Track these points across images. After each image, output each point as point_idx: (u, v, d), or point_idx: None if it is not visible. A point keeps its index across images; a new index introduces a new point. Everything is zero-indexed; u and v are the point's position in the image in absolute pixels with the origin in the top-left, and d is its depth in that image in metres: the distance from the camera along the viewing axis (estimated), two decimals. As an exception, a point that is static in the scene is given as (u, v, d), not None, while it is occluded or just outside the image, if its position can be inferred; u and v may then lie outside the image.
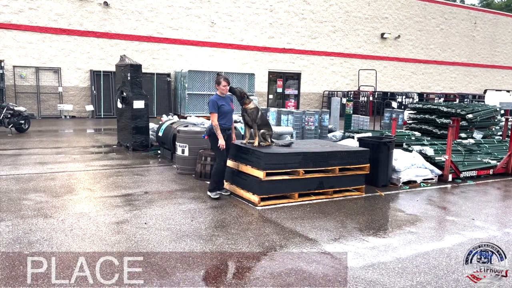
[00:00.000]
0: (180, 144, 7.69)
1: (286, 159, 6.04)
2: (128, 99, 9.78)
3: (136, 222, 5.03)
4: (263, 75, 21.11)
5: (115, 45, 17.63)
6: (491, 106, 11.96)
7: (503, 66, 30.32)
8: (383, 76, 24.92)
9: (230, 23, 19.99)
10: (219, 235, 4.70)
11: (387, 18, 24.79)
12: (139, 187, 6.70)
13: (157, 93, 18.10)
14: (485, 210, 6.21)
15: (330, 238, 4.76)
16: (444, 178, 7.85)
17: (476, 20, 28.43)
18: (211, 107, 6.06)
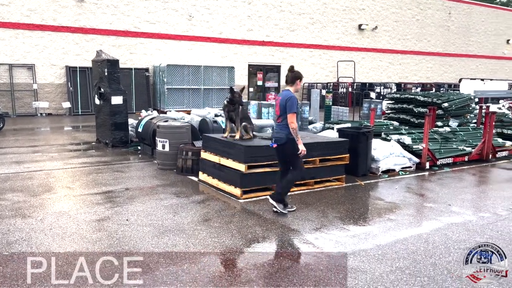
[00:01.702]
0: (160, 139, 7.63)
1: (268, 152, 6.06)
2: (106, 95, 9.63)
3: (117, 219, 4.99)
4: (243, 68, 21.06)
5: (91, 40, 17.28)
6: (466, 94, 12.25)
7: (477, 55, 31.04)
8: (361, 67, 25.18)
9: (208, 16, 19.83)
10: (202, 229, 4.71)
11: (364, 9, 25.01)
12: (119, 183, 6.64)
13: (135, 88, 17.86)
14: (461, 195, 6.39)
15: (312, 228, 4.83)
16: (422, 166, 8.03)
17: (450, 10, 28.95)
18: (295, 106, 4.92)
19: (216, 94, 18.14)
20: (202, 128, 8.90)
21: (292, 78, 5.07)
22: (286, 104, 4.94)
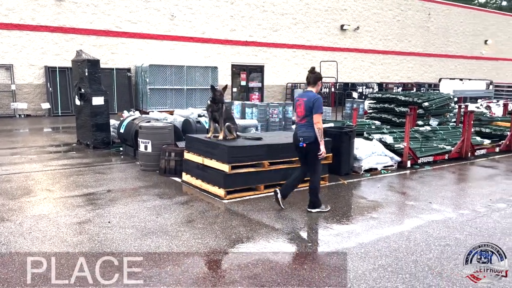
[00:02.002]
0: (143, 140, 7.55)
1: (251, 152, 6.07)
2: (86, 96, 9.48)
3: (99, 221, 4.92)
4: (226, 68, 21.00)
5: (71, 40, 16.97)
6: (446, 94, 12.50)
7: (456, 55, 31.67)
8: (344, 67, 25.41)
9: (190, 16, 19.71)
10: (186, 230, 4.68)
11: (346, 10, 25.25)
12: (101, 185, 6.54)
13: (117, 89, 17.62)
14: (441, 193, 6.51)
15: (296, 227, 4.85)
16: (403, 165, 8.15)
17: (430, 11, 29.46)
18: (322, 106, 5.11)
19: (200, 94, 18.05)
20: (185, 129, 8.84)
21: (314, 79, 5.21)
22: (314, 104, 5.04)
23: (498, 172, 8.19)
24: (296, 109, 5.28)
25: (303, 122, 5.18)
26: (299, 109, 5.19)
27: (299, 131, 5.24)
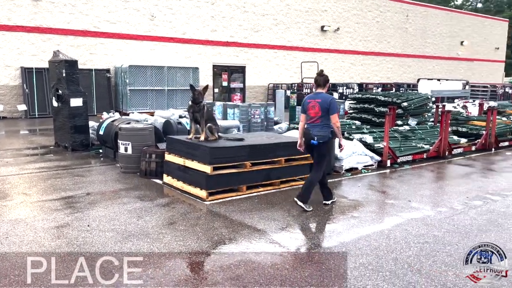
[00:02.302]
0: (123, 142, 7.44)
1: (233, 153, 6.06)
2: (64, 97, 9.30)
3: (78, 225, 4.82)
4: (207, 69, 20.92)
5: (48, 40, 16.62)
6: (424, 94, 12.72)
7: (434, 56, 32.35)
8: (325, 68, 25.43)
9: (171, 16, 19.56)
10: (167, 232, 4.63)
11: (327, 11, 25.48)
12: (80, 188, 6.42)
13: (96, 90, 17.34)
14: (420, 191, 6.63)
15: (278, 227, 4.86)
16: (383, 164, 8.28)
17: (408, 13, 30.01)
18: (337, 106, 5.47)
19: (181, 95, 17.92)
20: (166, 130, 8.76)
21: (324, 81, 5.50)
22: (330, 106, 5.32)
23: (474, 170, 8.39)
24: (309, 110, 5.45)
25: (318, 122, 5.40)
26: (313, 110, 5.40)
27: (313, 130, 5.43)
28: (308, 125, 5.50)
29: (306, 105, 5.50)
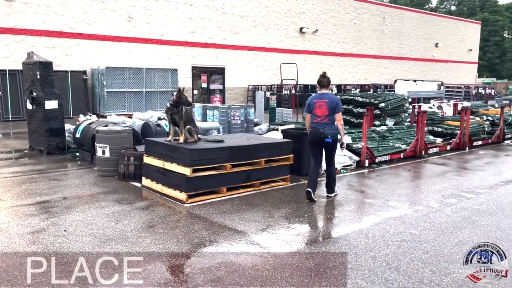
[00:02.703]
0: (100, 144, 7.32)
1: (213, 154, 6.04)
2: (39, 100, 9.08)
3: (54, 230, 4.72)
4: (186, 70, 20.79)
5: (22, 42, 16.21)
6: (401, 95, 12.97)
7: (409, 57, 33.03)
8: (304, 70, 25.84)
9: (148, 17, 19.36)
10: (146, 236, 4.58)
11: (305, 13, 25.70)
12: (56, 192, 6.27)
13: (72, 92, 16.99)
14: (397, 190, 6.76)
15: (258, 228, 4.87)
16: (362, 164, 8.40)
17: (384, 15, 30.56)
18: (341, 106, 5.91)
19: (159, 97, 17.74)
20: (144, 132, 8.66)
21: (327, 83, 5.96)
22: (337, 105, 5.80)
23: (450, 169, 8.60)
24: (316, 110, 5.84)
25: (326, 120, 5.82)
26: (321, 110, 5.81)
27: (324, 128, 5.81)
28: (317, 124, 5.86)
29: (312, 105, 5.88)
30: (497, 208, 5.81)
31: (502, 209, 5.77)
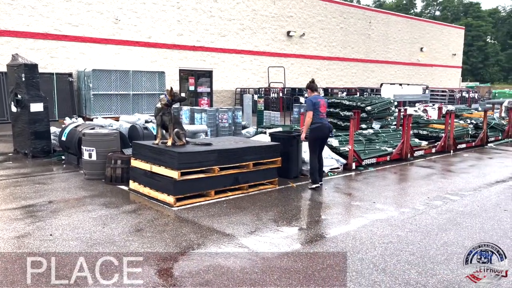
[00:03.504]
0: (87, 147, 7.25)
1: (201, 158, 6.04)
2: (23, 102, 8.95)
3: (39, 234, 4.65)
4: (174, 73, 20.70)
5: (6, 43, 15.94)
6: (387, 98, 13.15)
7: (395, 61, 33.45)
8: (291, 73, 25.97)
9: (136, 20, 19.24)
10: (134, 239, 4.55)
11: (292, 16, 25.85)
12: (41, 196, 6.19)
13: (58, 95, 16.76)
14: (384, 193, 6.84)
15: (247, 231, 4.88)
16: (349, 167, 8.47)
17: (370, 19, 30.92)
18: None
19: (146, 99, 17.63)
20: (132, 135, 8.60)
21: (317, 87, 7.08)
22: (327, 104, 7.33)
23: (435, 172, 8.74)
24: (321, 108, 6.82)
25: (325, 117, 6.99)
26: (324, 108, 6.95)
27: (326, 123, 6.94)
28: (322, 119, 6.80)
29: (317, 104, 6.79)
30: (481, 210, 5.93)
31: (485, 211, 5.88)
